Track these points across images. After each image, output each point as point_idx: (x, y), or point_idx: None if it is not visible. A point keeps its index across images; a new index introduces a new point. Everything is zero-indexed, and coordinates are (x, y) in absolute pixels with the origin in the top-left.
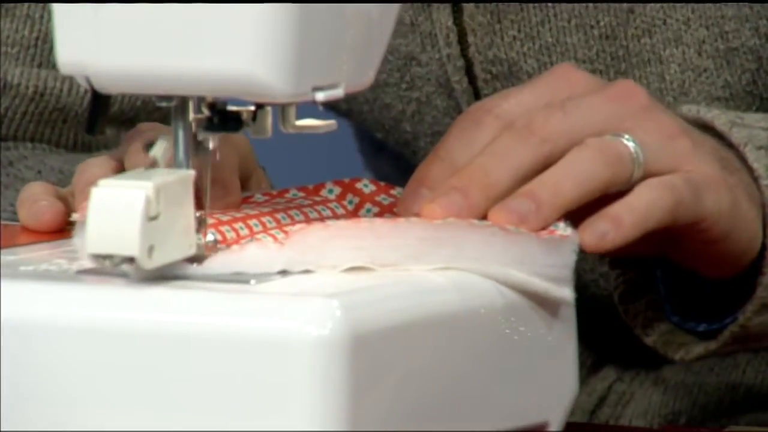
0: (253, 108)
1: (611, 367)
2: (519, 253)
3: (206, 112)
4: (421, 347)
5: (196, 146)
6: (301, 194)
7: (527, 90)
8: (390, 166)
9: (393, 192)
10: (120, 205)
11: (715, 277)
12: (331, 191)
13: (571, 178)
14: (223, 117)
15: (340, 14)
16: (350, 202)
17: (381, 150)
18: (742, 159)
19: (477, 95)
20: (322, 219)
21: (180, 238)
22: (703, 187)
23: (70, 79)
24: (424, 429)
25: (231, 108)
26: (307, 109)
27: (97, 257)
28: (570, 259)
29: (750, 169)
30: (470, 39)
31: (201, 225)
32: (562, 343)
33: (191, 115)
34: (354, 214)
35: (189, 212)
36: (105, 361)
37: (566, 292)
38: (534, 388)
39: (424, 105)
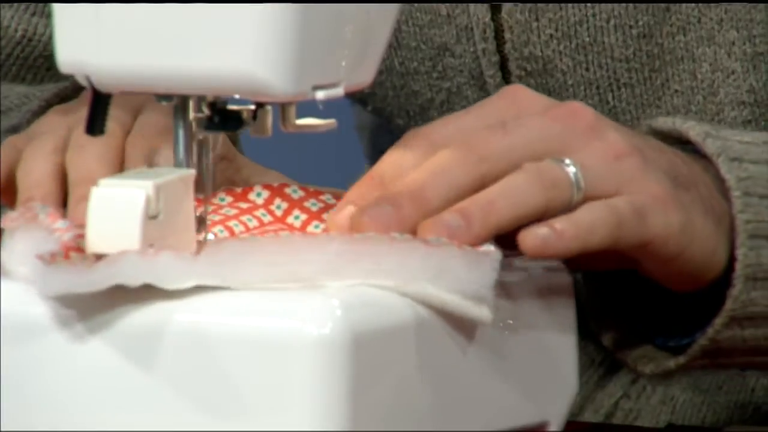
0: (253, 107)
1: (618, 381)
2: (437, 267)
3: (206, 111)
4: (421, 347)
5: (198, 145)
6: (230, 199)
7: (470, 114)
8: None
9: (322, 197)
10: (120, 204)
11: (682, 291)
12: (259, 195)
13: (505, 199)
14: (223, 116)
15: (340, 13)
16: (278, 207)
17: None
18: (715, 170)
19: None
20: (247, 230)
21: (180, 237)
22: (649, 209)
23: None
24: (424, 429)
25: (231, 107)
26: (308, 107)
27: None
28: (490, 277)
29: (721, 180)
30: (506, 35)
31: (201, 224)
32: (562, 342)
33: (191, 114)
34: (282, 220)
35: (189, 211)
36: (104, 361)
37: (485, 312)
38: (534, 388)
39: (454, 95)
